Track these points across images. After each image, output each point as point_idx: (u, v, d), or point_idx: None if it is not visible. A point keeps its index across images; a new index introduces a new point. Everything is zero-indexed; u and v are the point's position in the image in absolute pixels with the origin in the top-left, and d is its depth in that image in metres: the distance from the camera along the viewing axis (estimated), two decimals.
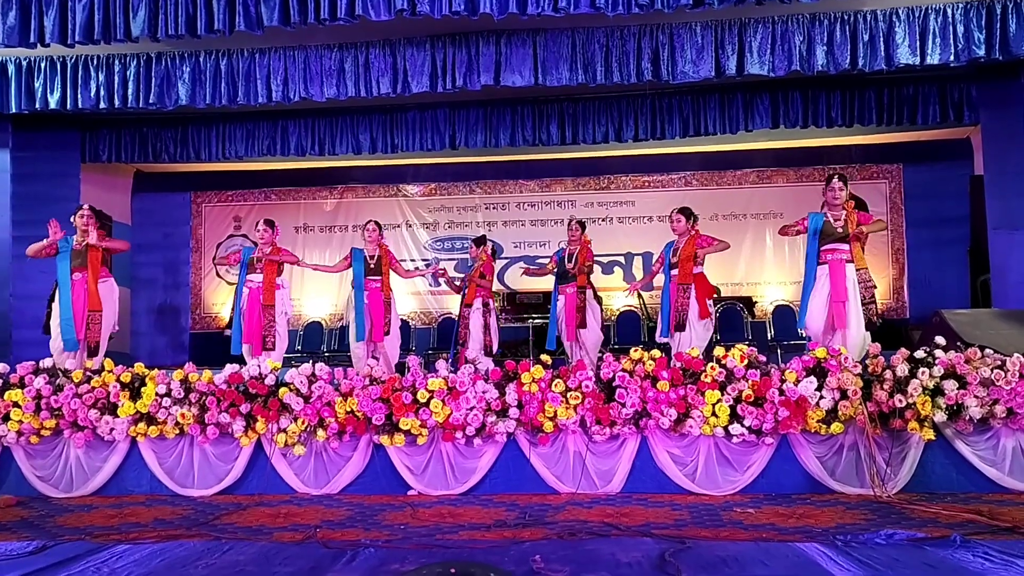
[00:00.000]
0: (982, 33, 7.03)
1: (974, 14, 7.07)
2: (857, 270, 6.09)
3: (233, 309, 7.48)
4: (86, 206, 6.89)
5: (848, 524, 4.12)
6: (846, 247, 6.09)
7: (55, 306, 6.76)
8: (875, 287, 6.24)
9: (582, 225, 7.95)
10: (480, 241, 8.33)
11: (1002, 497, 4.78)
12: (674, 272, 7.01)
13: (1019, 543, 3.48)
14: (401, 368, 5.79)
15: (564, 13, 6.57)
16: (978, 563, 3.12)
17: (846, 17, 7.23)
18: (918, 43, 7.13)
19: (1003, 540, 3.56)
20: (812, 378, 5.05)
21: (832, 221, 6.15)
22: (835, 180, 6.25)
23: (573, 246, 7.82)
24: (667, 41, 7.43)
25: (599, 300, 7.92)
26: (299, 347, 10.61)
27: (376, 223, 7.70)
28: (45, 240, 6.69)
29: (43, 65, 7.88)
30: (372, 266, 7.47)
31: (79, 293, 6.63)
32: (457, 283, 8.36)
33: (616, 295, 10.95)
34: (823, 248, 6.15)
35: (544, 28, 7.41)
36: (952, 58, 7.13)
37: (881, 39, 7.18)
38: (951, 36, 7.09)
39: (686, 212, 7.14)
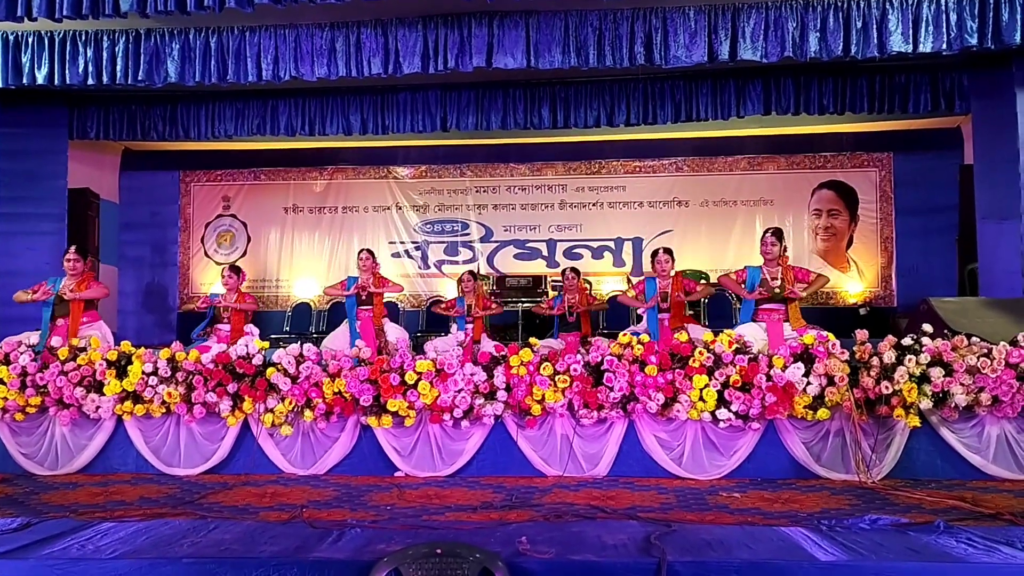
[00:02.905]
0: (975, 22, 7.01)
1: (967, 3, 7.03)
2: (794, 330, 5.98)
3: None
4: (72, 249, 6.80)
5: (833, 509, 4.16)
6: (782, 307, 6.04)
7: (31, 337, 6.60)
8: None
9: (576, 272, 8.00)
10: (475, 275, 8.30)
11: (986, 484, 4.83)
12: (663, 316, 6.90)
13: (1002, 529, 3.51)
14: None
15: None
16: (961, 548, 3.14)
17: (839, 4, 7.20)
18: (911, 31, 7.11)
19: (986, 526, 3.60)
20: (799, 364, 5.08)
21: (769, 279, 6.09)
22: (767, 235, 6.23)
23: (571, 295, 7.87)
24: (660, 25, 7.38)
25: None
26: (287, 328, 10.60)
27: (369, 251, 7.68)
28: (31, 295, 6.56)
29: (31, 40, 7.77)
30: (364, 297, 7.48)
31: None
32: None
33: (606, 280, 10.97)
34: (760, 308, 6.09)
35: (537, 10, 7.36)
36: (944, 47, 7.11)
37: (874, 26, 7.15)
38: (944, 24, 7.07)
39: (672, 253, 7.08)
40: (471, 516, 4.05)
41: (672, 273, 6.98)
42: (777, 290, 6.02)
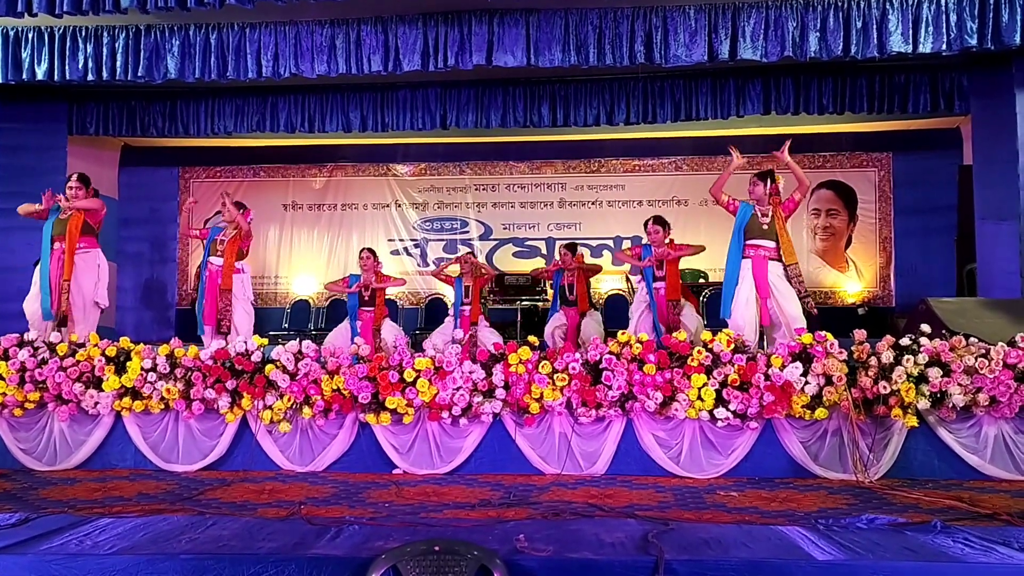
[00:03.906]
0: (975, 22, 7.01)
1: (967, 3, 7.03)
2: (787, 265, 5.99)
3: (198, 291, 7.45)
4: (75, 176, 6.80)
5: (830, 508, 4.16)
6: (770, 244, 6.03)
7: (36, 275, 6.69)
8: (803, 280, 6.09)
9: (572, 248, 8.05)
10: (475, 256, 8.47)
11: (983, 484, 4.83)
12: (658, 285, 7.06)
13: (999, 529, 3.51)
14: None
15: None
16: (958, 548, 3.15)
17: (839, 4, 7.20)
18: (911, 31, 7.11)
19: (983, 526, 3.59)
20: (798, 363, 5.08)
21: (759, 215, 6.09)
22: (754, 178, 6.21)
23: (569, 273, 7.94)
24: (660, 24, 7.38)
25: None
26: (286, 325, 10.61)
27: (370, 250, 7.76)
28: (37, 207, 6.62)
29: (31, 35, 7.77)
30: (366, 298, 7.52)
31: (56, 262, 6.52)
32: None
33: (604, 279, 10.96)
34: (747, 242, 6.08)
35: (537, 8, 7.35)
36: (944, 47, 7.11)
37: (874, 26, 7.16)
38: (944, 25, 7.07)
39: (662, 222, 7.18)
40: (469, 514, 4.05)
41: (667, 241, 7.09)
42: (766, 227, 6.03)
